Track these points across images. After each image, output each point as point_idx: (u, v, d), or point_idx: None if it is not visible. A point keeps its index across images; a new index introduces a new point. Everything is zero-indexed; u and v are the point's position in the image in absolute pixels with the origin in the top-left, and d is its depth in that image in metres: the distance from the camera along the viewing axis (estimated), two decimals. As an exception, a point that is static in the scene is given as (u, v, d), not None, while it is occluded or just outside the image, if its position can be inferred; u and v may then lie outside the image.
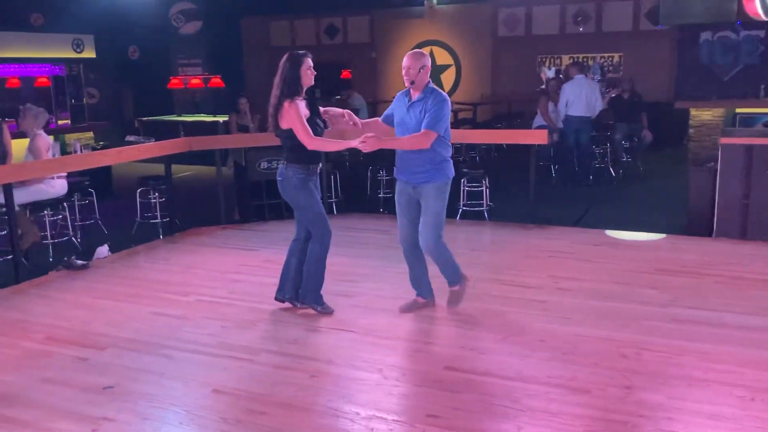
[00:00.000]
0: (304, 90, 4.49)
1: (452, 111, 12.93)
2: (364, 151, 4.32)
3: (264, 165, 7.69)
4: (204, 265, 6.04)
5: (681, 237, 6.62)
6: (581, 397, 3.46)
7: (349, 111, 4.74)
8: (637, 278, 5.32)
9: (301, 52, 4.52)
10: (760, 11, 10.64)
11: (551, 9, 14.43)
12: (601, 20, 14.01)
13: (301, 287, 4.72)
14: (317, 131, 4.48)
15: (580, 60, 13.99)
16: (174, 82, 14.48)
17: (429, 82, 4.43)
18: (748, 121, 10.32)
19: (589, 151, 9.75)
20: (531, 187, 7.26)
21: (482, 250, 6.63)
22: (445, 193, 4.48)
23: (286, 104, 4.38)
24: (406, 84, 4.40)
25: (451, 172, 4.51)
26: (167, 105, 14.45)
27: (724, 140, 6.47)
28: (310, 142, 4.38)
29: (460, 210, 7.61)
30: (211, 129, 11.52)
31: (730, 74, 12.83)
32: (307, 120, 4.41)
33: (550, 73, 14.35)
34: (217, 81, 14.18)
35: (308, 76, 4.47)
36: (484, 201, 7.64)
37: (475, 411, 3.34)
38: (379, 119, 4.73)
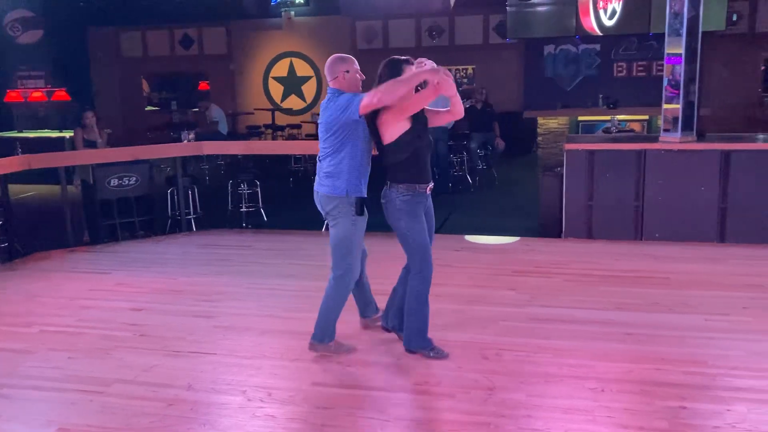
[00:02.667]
0: None
1: (315, 123, 12.94)
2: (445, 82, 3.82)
3: (114, 182, 7.23)
4: (50, 292, 5.56)
5: (534, 239, 6.96)
6: (446, 401, 3.51)
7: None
8: (496, 281, 5.52)
9: (403, 57, 4.04)
10: (595, 26, 11.53)
11: (407, 23, 14.83)
12: (454, 34, 14.58)
13: (405, 329, 4.09)
14: (421, 139, 3.88)
15: (436, 72, 14.46)
16: (12, 96, 13.36)
17: None
18: (590, 128, 11.12)
19: (447, 161, 10.06)
20: (393, 196, 7.33)
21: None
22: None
23: (386, 115, 3.82)
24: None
25: None
26: (5, 120, 13.31)
27: (568, 146, 6.89)
28: (396, 87, 3.77)
29: (326, 222, 7.55)
30: (56, 145, 10.74)
31: (572, 85, 13.80)
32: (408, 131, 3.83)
33: (409, 85, 14.70)
34: (62, 94, 13.25)
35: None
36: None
37: (343, 426, 3.28)
38: None
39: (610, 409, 3.38)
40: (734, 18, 13.06)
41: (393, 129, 3.82)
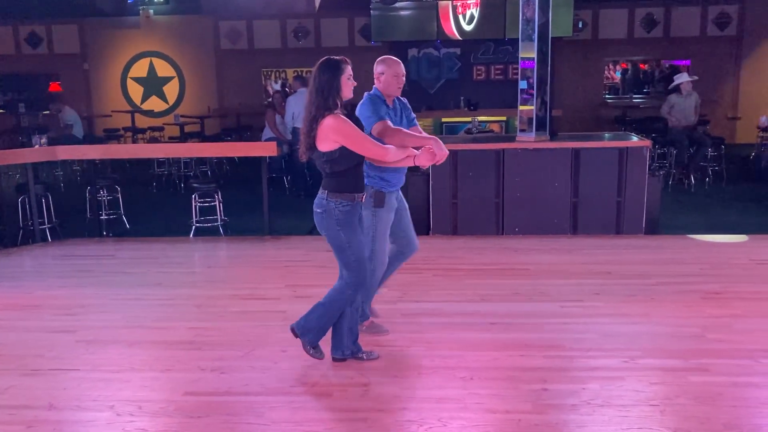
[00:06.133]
0: (342, 104, 3.68)
1: (179, 125, 12.55)
2: (440, 162, 3.80)
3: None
4: None
5: (404, 237, 7.12)
6: (323, 401, 3.54)
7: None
8: (369, 279, 5.61)
9: (338, 57, 3.70)
10: (455, 31, 12.00)
11: (272, 23, 14.72)
12: (320, 36, 14.64)
13: (309, 318, 3.88)
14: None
15: (304, 74, 14.46)
16: None
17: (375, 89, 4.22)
18: (453, 129, 11.58)
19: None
20: (264, 199, 7.28)
21: (219, 266, 6.48)
22: None
23: (328, 119, 3.53)
24: (397, 93, 4.18)
25: None
26: None
27: (433, 147, 7.12)
28: (386, 153, 3.64)
29: (194, 227, 7.36)
30: None
31: (435, 87, 14.28)
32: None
33: (277, 86, 14.61)
34: None
35: (348, 86, 3.66)
36: (218, 216, 7.48)
37: (219, 434, 3.22)
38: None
39: (480, 395, 3.55)
40: (580, 25, 14.10)
41: (332, 145, 3.62)
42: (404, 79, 4.17)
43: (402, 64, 4.22)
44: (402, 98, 4.31)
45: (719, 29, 14.35)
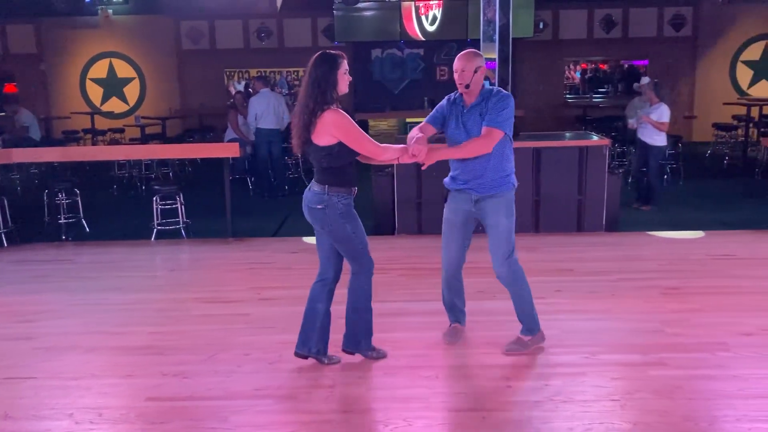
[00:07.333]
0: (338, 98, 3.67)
1: (140, 126, 12.35)
2: (423, 164, 3.81)
3: None
4: None
5: (370, 237, 7.08)
6: (288, 403, 3.52)
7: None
8: (334, 280, 5.59)
9: (334, 52, 3.68)
10: (417, 32, 12.06)
11: (234, 23, 14.58)
12: (283, 36, 14.56)
13: (352, 330, 3.91)
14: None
15: (267, 74, 14.37)
16: None
17: (485, 84, 3.93)
18: (417, 129, 11.58)
19: (282, 163, 10.03)
20: (227, 201, 7.21)
21: (181, 269, 6.40)
22: (513, 206, 3.97)
23: (328, 113, 3.53)
24: (460, 89, 3.88)
25: (515, 180, 3.99)
26: None
27: (397, 147, 7.14)
28: (383, 151, 3.73)
29: (155, 230, 7.25)
30: None
31: (399, 88, 14.32)
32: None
33: (240, 87, 14.47)
34: None
35: (345, 80, 3.65)
36: (180, 219, 7.38)
37: (181, 439, 3.18)
38: (422, 132, 3.93)
39: (445, 394, 3.57)
40: (541, 26, 14.27)
41: (330, 140, 3.61)
42: (463, 74, 3.85)
43: (458, 58, 3.94)
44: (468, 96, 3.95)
45: (675, 30, 14.68)
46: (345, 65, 3.65)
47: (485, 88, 3.91)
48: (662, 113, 8.06)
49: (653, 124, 8.07)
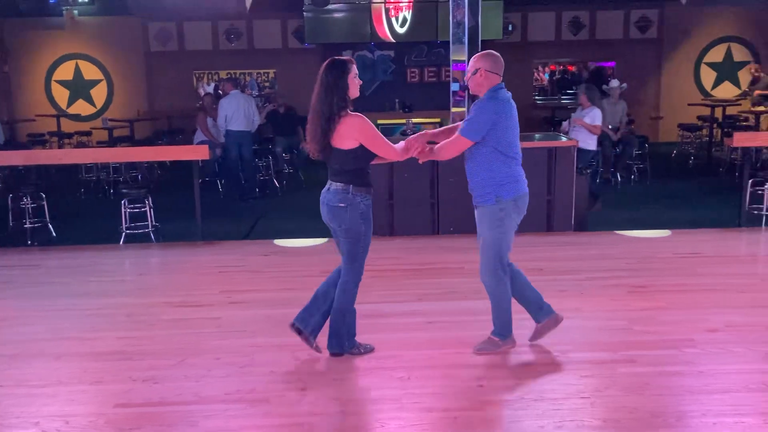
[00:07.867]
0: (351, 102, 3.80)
1: (107, 129, 12.17)
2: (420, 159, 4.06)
3: None
4: None
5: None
6: (260, 407, 3.50)
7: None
8: (305, 282, 5.54)
9: (344, 57, 3.83)
10: (388, 33, 12.08)
11: (203, 25, 14.43)
12: (253, 37, 14.46)
13: (334, 331, 3.98)
14: None
15: (237, 76, 14.26)
16: None
17: (492, 87, 3.92)
18: (388, 131, 11.58)
19: (252, 165, 9.96)
20: (197, 203, 7.14)
21: (150, 273, 6.33)
22: (502, 219, 3.98)
23: (350, 118, 3.70)
24: (472, 89, 4.04)
25: (510, 193, 4.03)
26: None
27: (368, 148, 7.15)
28: (396, 153, 3.89)
29: (124, 234, 7.15)
30: None
31: (370, 90, 14.31)
32: None
33: (209, 89, 14.34)
34: None
35: (355, 85, 3.78)
36: (149, 222, 7.29)
37: (151, 445, 3.14)
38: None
39: (417, 394, 3.58)
40: (510, 28, 14.38)
41: (353, 143, 3.77)
42: (466, 75, 4.11)
43: (472, 58, 4.09)
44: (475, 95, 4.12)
45: (641, 32, 14.91)
46: (354, 69, 3.78)
47: (489, 91, 3.93)
48: (595, 116, 8.20)
49: (587, 127, 8.18)
